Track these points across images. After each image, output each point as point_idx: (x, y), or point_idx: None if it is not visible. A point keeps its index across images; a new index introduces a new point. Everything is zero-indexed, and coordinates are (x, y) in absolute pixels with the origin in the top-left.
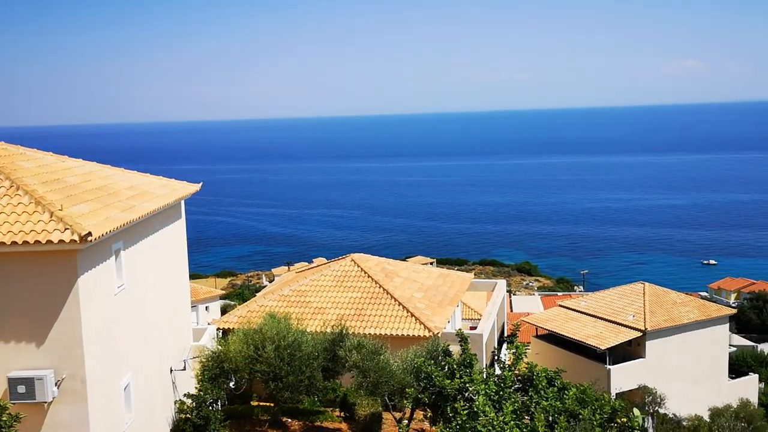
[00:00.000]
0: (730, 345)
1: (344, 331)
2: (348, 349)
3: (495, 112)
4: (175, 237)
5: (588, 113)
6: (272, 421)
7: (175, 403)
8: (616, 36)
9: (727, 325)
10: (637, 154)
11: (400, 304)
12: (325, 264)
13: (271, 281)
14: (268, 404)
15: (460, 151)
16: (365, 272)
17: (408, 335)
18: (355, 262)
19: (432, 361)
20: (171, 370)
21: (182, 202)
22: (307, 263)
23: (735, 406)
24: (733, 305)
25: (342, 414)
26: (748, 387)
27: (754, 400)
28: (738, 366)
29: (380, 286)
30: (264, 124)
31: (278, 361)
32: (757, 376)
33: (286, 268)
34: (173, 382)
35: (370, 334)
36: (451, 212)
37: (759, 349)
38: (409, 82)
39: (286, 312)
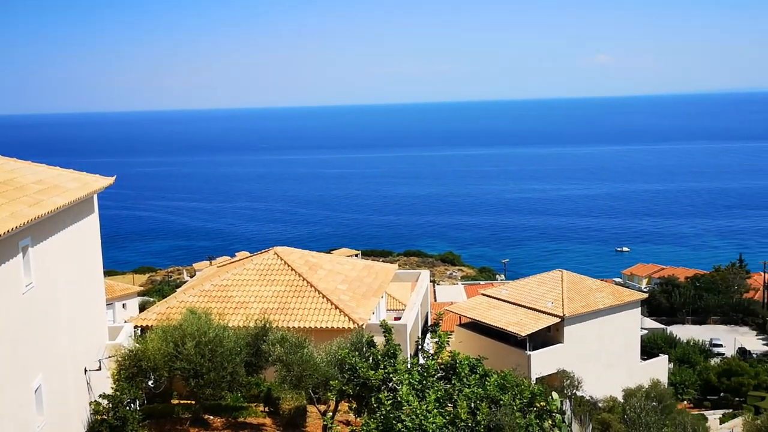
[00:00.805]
0: (641, 328)
1: (267, 326)
2: (271, 343)
3: (416, 104)
4: (87, 232)
5: (507, 105)
6: (194, 418)
7: (90, 405)
8: (533, 30)
9: (639, 309)
10: (553, 145)
11: (324, 296)
12: (247, 258)
13: (192, 276)
14: (189, 402)
15: (384, 143)
16: (288, 265)
17: (333, 327)
18: (278, 255)
19: (356, 353)
20: (85, 371)
21: (95, 196)
22: (229, 257)
23: (647, 387)
24: (645, 290)
25: (266, 409)
26: (659, 367)
27: (664, 379)
28: (649, 348)
29: (304, 279)
30: (183, 115)
31: (199, 358)
32: (666, 356)
33: (208, 262)
34: (88, 383)
35: (294, 327)
36: (376, 204)
37: (668, 331)
38: (329, 73)
39: (207, 307)
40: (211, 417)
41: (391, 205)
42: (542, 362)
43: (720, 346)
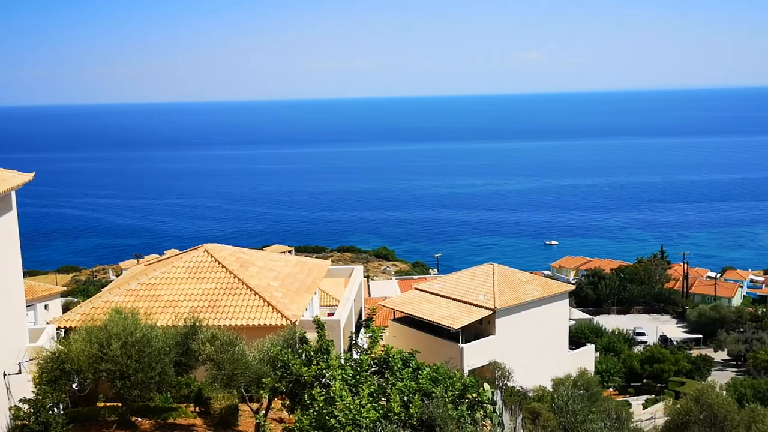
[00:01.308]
0: (569, 319)
1: (197, 324)
2: (201, 342)
3: (348, 100)
4: (4, 231)
5: (438, 101)
6: (120, 421)
7: (10, 410)
8: (464, 26)
9: (567, 300)
10: (485, 141)
11: (256, 293)
12: (177, 255)
13: (118, 275)
14: (115, 404)
15: (317, 138)
16: (219, 262)
17: (265, 325)
18: (208, 253)
19: (289, 350)
20: (4, 375)
21: (12, 193)
22: (158, 255)
23: (574, 375)
24: (572, 282)
25: (197, 409)
26: (586, 356)
27: (591, 368)
28: (577, 338)
29: (235, 276)
30: (110, 108)
31: (125, 359)
32: (593, 346)
33: (135, 261)
34: (8, 388)
35: (225, 325)
36: (310, 200)
37: (595, 322)
38: (260, 67)
39: (134, 307)
40: (139, 419)
41: (324, 201)
42: (474, 354)
43: (643, 334)
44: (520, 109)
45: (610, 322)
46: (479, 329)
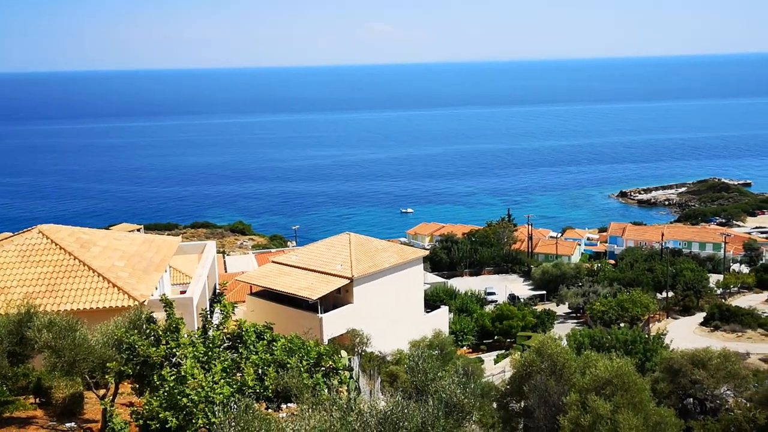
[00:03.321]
0: (425, 283)
1: (32, 310)
2: (37, 329)
3: (194, 70)
4: None
5: (287, 72)
6: None
7: None
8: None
9: (422, 265)
10: (337, 112)
11: (99, 275)
12: (7, 238)
13: None
14: None
15: (164, 110)
16: (56, 244)
17: (110, 307)
18: (43, 234)
19: (135, 331)
20: None
21: None
22: None
23: (430, 337)
24: (427, 247)
25: (37, 400)
26: (441, 318)
27: (446, 329)
28: (432, 301)
29: (75, 258)
30: None
31: None
32: (447, 307)
33: None
34: None
35: (65, 310)
36: (159, 175)
37: (449, 284)
38: (101, 36)
39: None
40: None
41: (175, 176)
42: (334, 324)
43: (493, 294)
44: (372, 80)
45: (463, 284)
46: (338, 298)
